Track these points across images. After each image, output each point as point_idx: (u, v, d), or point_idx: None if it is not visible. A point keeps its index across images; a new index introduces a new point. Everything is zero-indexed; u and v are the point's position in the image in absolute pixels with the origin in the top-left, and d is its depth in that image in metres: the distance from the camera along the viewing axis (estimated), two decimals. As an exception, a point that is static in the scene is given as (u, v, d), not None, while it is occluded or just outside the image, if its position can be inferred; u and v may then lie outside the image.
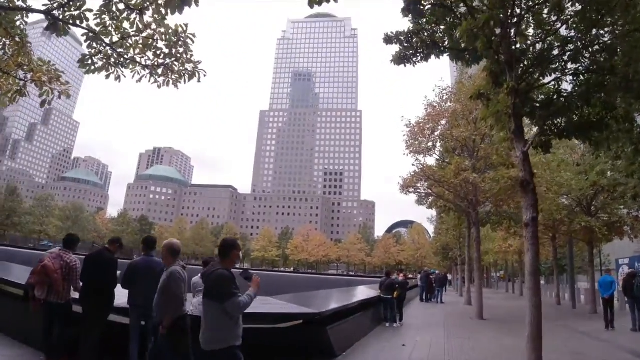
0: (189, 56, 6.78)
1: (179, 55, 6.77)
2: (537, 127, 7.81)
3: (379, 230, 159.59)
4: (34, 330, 6.28)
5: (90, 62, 6.58)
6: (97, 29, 6.29)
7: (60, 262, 6.06)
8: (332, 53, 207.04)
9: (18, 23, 6.76)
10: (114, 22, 6.30)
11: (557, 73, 7.40)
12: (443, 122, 17.36)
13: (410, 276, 38.06)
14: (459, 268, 37.24)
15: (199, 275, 6.39)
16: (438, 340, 10.47)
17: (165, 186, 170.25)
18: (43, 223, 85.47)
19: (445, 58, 8.80)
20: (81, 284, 5.97)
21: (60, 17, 6.10)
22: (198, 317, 6.04)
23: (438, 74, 28.91)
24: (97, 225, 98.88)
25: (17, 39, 6.91)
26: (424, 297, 25.21)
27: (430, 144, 17.14)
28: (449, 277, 45.66)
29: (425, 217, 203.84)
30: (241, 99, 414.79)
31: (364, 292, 14.66)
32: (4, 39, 6.89)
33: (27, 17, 6.93)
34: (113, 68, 6.69)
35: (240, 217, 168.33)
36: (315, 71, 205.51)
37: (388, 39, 8.28)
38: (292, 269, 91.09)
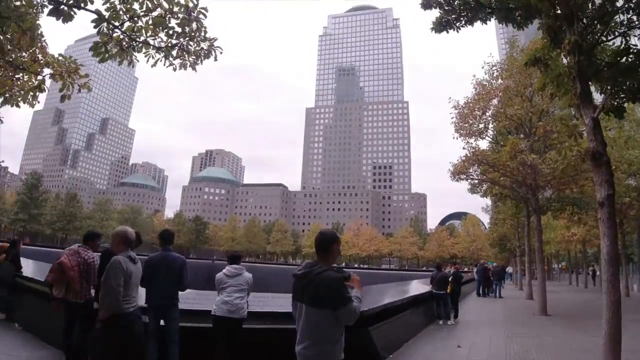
0: (203, 34, 6.17)
1: (192, 34, 6.17)
2: (603, 95, 6.60)
3: (431, 223, 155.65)
4: (57, 329, 5.97)
5: (103, 49, 6.08)
6: (107, 13, 5.79)
7: (78, 258, 5.70)
8: (375, 45, 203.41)
9: (29, 18, 6.39)
10: (124, 4, 5.79)
11: (623, 28, 6.20)
12: (495, 101, 15.79)
13: (466, 269, 36.24)
14: (518, 260, 35.07)
15: (224, 271, 5.92)
16: (498, 340, 9.39)
17: (218, 187, 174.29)
18: (103, 226, 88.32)
19: (492, 34, 7.72)
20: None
21: (64, 1, 5.64)
22: (221, 317, 5.55)
23: (485, 53, 27.18)
24: (154, 226, 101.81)
25: (29, 34, 6.54)
26: (481, 292, 23.67)
27: (481, 125, 15.73)
28: (508, 269, 43.09)
29: (479, 207, 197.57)
30: (287, 98, 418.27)
31: (414, 288, 13.73)
32: (15, 34, 6.54)
33: (42, 11, 6.55)
34: (126, 54, 6.19)
35: (292, 214, 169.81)
36: (359, 65, 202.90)
37: (426, 4, 7.34)
38: (342, 264, 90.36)
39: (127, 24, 5.89)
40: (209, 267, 47.17)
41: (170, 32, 6.09)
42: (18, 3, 5.91)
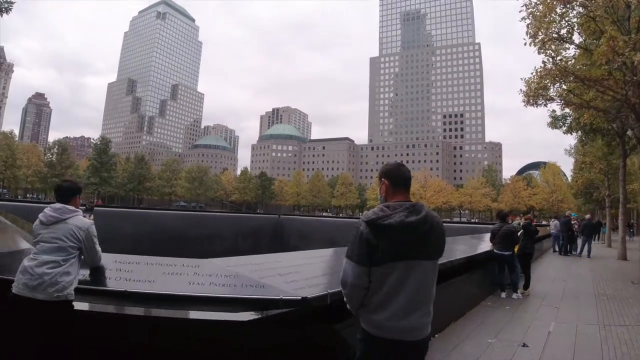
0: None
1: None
2: None
3: (507, 175, 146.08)
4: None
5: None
6: None
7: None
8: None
9: None
10: None
11: None
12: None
13: (543, 222, 31.28)
14: (607, 211, 29.79)
15: (40, 215, 3.15)
16: (588, 331, 6.08)
17: (285, 144, 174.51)
18: (172, 185, 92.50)
19: None
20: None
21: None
22: (17, 295, 2.90)
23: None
24: (222, 184, 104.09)
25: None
26: (563, 249, 19.66)
27: (564, 31, 11.47)
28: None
29: (561, 158, 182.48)
30: (353, 51, 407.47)
31: (467, 246, 10.48)
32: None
33: None
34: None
35: (359, 168, 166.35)
36: (425, 7, 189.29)
37: None
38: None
39: None
40: (275, 222, 45.42)
41: None
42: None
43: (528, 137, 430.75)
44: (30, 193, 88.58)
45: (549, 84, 11.53)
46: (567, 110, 17.61)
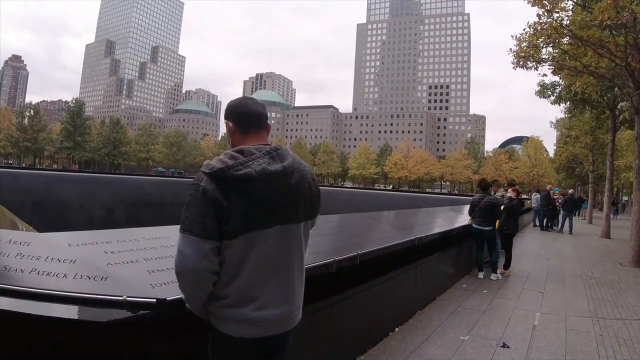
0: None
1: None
2: None
3: (489, 149, 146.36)
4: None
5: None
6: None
7: None
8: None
9: None
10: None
11: None
12: None
13: (524, 196, 30.53)
14: (590, 187, 29.20)
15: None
16: (580, 326, 5.11)
17: (268, 110, 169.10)
18: (149, 150, 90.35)
19: None
20: None
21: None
22: None
23: None
24: (202, 150, 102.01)
25: None
26: (543, 224, 18.88)
27: None
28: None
29: (544, 133, 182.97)
30: (340, 17, 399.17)
31: (442, 219, 9.49)
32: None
33: None
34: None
35: (343, 136, 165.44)
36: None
37: None
38: (390, 187, 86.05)
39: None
40: None
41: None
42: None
43: (512, 111, 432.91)
44: (5, 158, 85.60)
45: (541, 44, 10.31)
46: (556, 79, 16.56)
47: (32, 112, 77.44)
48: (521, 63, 10.75)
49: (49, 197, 27.86)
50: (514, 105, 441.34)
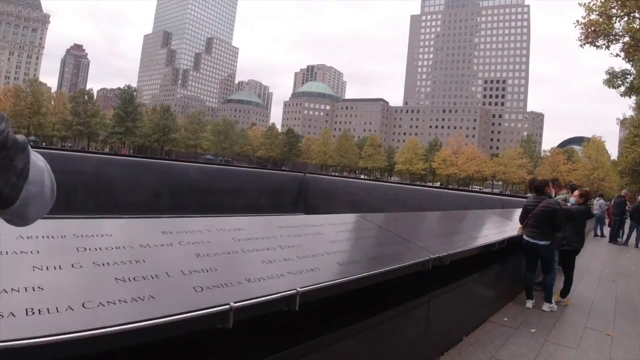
0: None
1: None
2: None
3: (547, 148, 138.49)
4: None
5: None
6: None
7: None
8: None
9: None
10: None
11: None
12: None
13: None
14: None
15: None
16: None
17: (317, 102, 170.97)
18: (197, 138, 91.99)
19: None
20: None
21: None
22: None
23: None
24: (248, 139, 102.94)
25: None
26: (614, 236, 16.35)
27: None
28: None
29: (607, 134, 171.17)
30: (388, 7, 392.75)
31: (486, 227, 7.15)
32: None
33: None
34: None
35: (392, 130, 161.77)
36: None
37: None
38: (438, 184, 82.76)
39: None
40: (300, 181, 43.34)
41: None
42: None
43: (572, 110, 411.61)
44: (63, 141, 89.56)
45: (616, 10, 8.29)
46: (628, 66, 14.29)
47: (85, 97, 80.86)
48: (590, 39, 8.84)
49: (98, 179, 28.21)
50: (575, 103, 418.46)
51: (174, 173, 33.48)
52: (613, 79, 14.97)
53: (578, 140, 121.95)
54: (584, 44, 8.92)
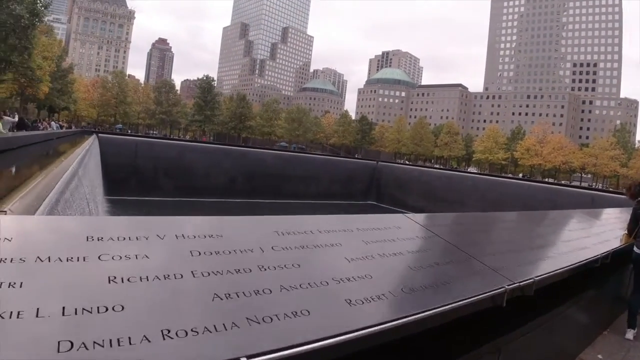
0: None
1: None
2: None
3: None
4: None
5: None
6: None
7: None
8: None
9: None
10: None
11: None
12: None
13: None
14: None
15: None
16: None
17: (392, 89, 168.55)
18: (271, 125, 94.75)
19: None
20: None
21: None
22: None
23: None
24: (322, 127, 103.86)
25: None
26: None
27: None
28: None
29: None
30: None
31: (576, 231, 5.34)
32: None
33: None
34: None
35: (471, 117, 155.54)
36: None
37: None
38: (520, 175, 77.97)
39: None
40: (373, 169, 42.88)
41: None
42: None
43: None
44: (149, 129, 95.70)
45: None
46: None
47: (167, 87, 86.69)
48: None
49: (179, 164, 29.98)
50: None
51: (250, 159, 34.65)
52: None
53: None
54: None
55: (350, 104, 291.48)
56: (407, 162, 77.43)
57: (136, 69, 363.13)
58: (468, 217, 4.94)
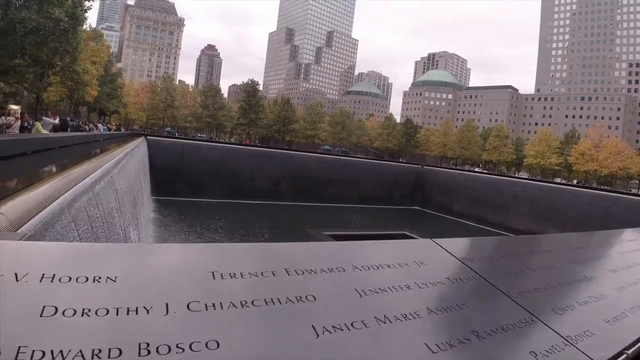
0: None
1: None
2: None
3: None
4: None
5: None
6: None
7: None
8: None
9: None
10: None
11: None
12: None
13: None
14: None
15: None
16: None
17: (439, 91, 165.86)
18: (315, 128, 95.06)
19: None
20: None
21: None
22: None
23: None
24: (366, 130, 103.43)
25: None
26: None
27: None
28: None
29: None
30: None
31: None
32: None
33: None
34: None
35: (521, 120, 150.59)
36: None
37: None
38: (575, 181, 73.80)
39: None
40: (417, 173, 41.97)
41: None
42: None
43: None
44: (197, 131, 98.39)
45: None
46: None
47: (213, 91, 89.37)
48: None
49: (224, 167, 30.42)
50: None
51: (294, 163, 34.66)
52: None
53: None
54: None
55: (396, 107, 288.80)
56: (455, 167, 75.46)
57: (186, 74, 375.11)
58: (504, 241, 3.92)
